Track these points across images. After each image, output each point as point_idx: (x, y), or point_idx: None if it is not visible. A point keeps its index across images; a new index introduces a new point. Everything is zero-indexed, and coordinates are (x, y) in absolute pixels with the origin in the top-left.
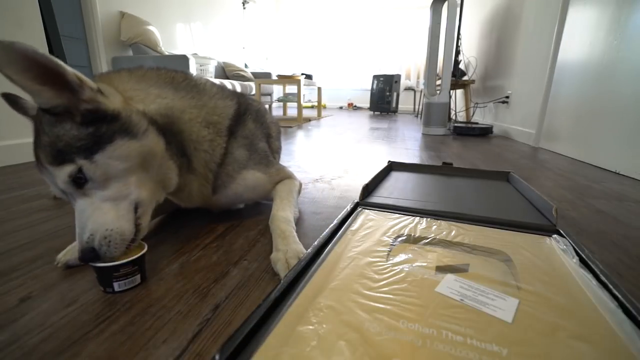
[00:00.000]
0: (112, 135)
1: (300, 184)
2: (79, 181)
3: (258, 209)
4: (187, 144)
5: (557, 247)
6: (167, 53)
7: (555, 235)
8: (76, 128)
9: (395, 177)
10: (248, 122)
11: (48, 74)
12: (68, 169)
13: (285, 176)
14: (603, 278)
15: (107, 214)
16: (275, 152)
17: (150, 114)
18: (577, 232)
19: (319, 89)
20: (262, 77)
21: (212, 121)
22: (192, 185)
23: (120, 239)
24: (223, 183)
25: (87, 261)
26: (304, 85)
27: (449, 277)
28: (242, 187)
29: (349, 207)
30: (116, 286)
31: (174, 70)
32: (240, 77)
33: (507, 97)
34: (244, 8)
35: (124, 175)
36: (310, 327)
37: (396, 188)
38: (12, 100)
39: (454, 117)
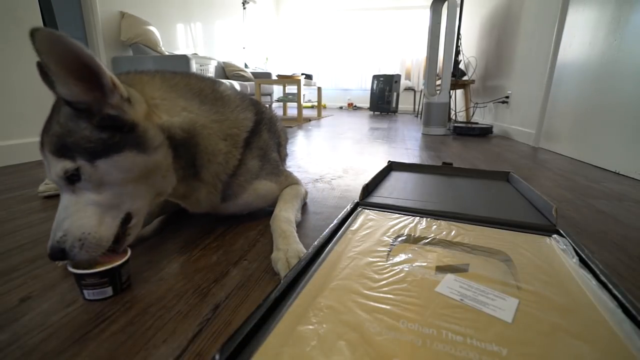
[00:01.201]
0: (123, 146)
1: (306, 192)
2: (72, 178)
3: (258, 210)
4: (201, 156)
5: (557, 247)
6: (167, 53)
7: (555, 235)
8: (90, 129)
9: (395, 177)
10: (263, 133)
11: (84, 71)
12: (66, 165)
13: (293, 182)
14: (603, 278)
15: (89, 217)
16: (283, 159)
17: (170, 128)
18: (577, 232)
19: (319, 89)
20: (262, 77)
21: (231, 134)
22: (200, 193)
23: (95, 245)
24: (234, 193)
25: (55, 259)
26: (304, 85)
27: (449, 277)
28: (253, 197)
29: (349, 207)
30: (86, 294)
31: (203, 80)
32: (240, 77)
33: (507, 97)
34: (244, 8)
35: (120, 185)
36: (310, 327)
37: (396, 188)
38: (45, 71)
39: (454, 117)
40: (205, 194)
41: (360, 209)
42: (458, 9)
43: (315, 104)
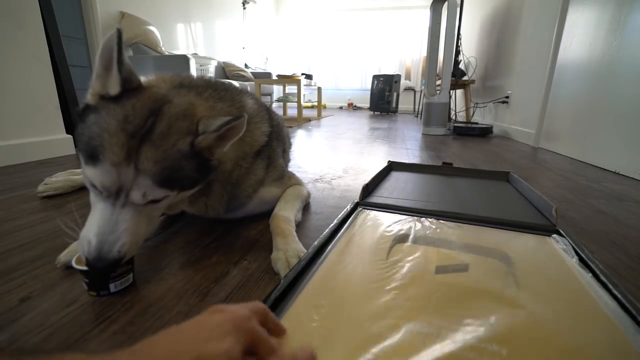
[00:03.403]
0: (201, 181)
1: (309, 193)
2: (154, 200)
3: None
4: (216, 174)
5: (557, 247)
6: (167, 53)
7: (555, 235)
8: (194, 170)
9: (395, 177)
10: (272, 142)
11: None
12: (162, 193)
13: (295, 182)
14: (603, 278)
15: (145, 227)
16: (286, 164)
17: (219, 160)
18: (577, 232)
19: (319, 89)
20: (262, 77)
21: (245, 151)
22: (206, 202)
23: (136, 248)
24: (241, 203)
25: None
26: (304, 85)
27: None
28: (258, 204)
29: (349, 207)
30: (112, 287)
31: (234, 101)
32: (240, 77)
33: (507, 97)
34: (244, 8)
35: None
36: (311, 326)
37: (396, 188)
38: (120, 37)
39: (454, 117)
40: (211, 201)
41: (360, 209)
42: (458, 9)
43: (315, 104)
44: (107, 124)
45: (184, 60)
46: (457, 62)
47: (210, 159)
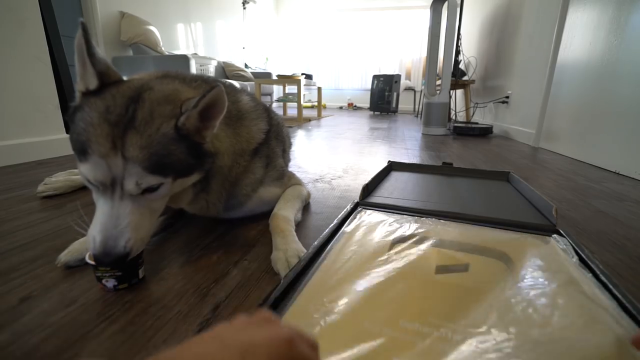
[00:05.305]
0: (198, 169)
1: (309, 193)
2: (149, 189)
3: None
4: (213, 170)
5: (557, 247)
6: (167, 53)
7: (555, 235)
8: (185, 154)
9: (395, 177)
10: (271, 141)
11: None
12: (157, 180)
13: (295, 182)
14: (603, 278)
15: (149, 221)
16: (286, 164)
17: (215, 152)
18: (577, 232)
19: (319, 89)
20: (262, 77)
21: (242, 147)
22: (206, 200)
23: (143, 244)
24: (239, 202)
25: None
26: (304, 85)
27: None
28: (257, 203)
29: (349, 207)
30: (140, 273)
31: (232, 101)
32: (240, 77)
33: (507, 97)
34: (244, 8)
35: (170, 194)
36: (311, 325)
37: (396, 188)
38: (86, 31)
39: (454, 117)
40: (210, 199)
41: (360, 209)
42: (458, 9)
43: (315, 104)
44: (90, 118)
45: (184, 60)
46: (457, 62)
47: (201, 142)
